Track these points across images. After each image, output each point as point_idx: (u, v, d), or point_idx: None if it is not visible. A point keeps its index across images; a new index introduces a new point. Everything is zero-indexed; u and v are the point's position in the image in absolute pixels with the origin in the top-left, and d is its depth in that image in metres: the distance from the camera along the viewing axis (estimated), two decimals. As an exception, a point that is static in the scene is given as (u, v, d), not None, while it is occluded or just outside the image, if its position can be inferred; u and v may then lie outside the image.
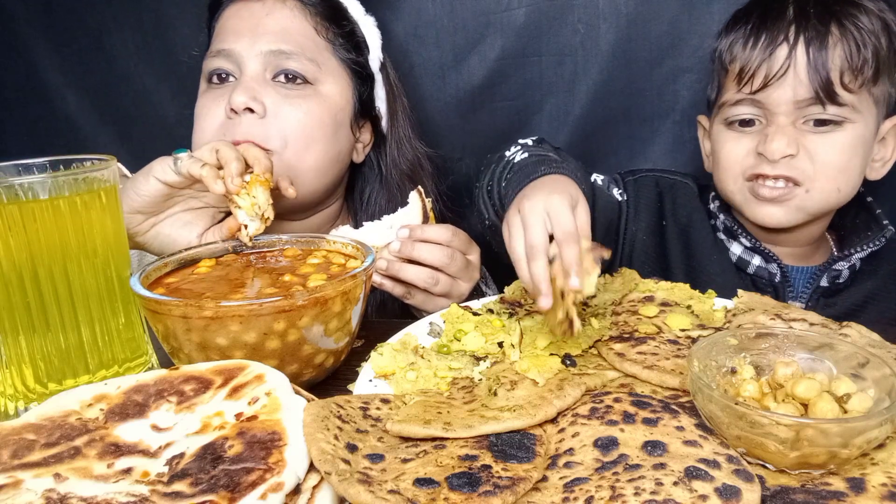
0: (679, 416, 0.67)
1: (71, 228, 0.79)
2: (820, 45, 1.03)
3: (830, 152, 1.06)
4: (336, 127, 1.24)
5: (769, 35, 1.06)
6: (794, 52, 1.04)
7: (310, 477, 0.59)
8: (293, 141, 1.17)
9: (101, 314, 0.83)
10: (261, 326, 0.77)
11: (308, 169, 1.21)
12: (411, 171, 1.36)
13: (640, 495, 0.55)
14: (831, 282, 1.20)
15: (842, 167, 1.07)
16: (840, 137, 1.06)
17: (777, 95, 1.05)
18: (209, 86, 1.23)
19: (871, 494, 0.56)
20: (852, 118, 1.05)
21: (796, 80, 1.04)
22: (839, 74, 1.03)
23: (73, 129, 1.65)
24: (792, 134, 1.06)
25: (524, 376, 0.77)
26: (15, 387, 0.80)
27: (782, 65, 1.04)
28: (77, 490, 0.56)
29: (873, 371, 0.67)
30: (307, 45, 1.21)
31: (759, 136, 1.09)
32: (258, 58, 1.18)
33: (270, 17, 1.20)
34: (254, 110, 1.15)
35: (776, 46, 1.05)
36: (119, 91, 1.62)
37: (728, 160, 1.14)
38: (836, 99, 1.03)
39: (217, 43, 1.22)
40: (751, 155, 1.10)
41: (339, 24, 1.26)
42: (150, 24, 1.57)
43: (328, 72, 1.23)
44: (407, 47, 1.49)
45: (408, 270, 1.06)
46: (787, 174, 1.07)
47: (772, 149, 1.05)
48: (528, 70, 1.49)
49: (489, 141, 1.55)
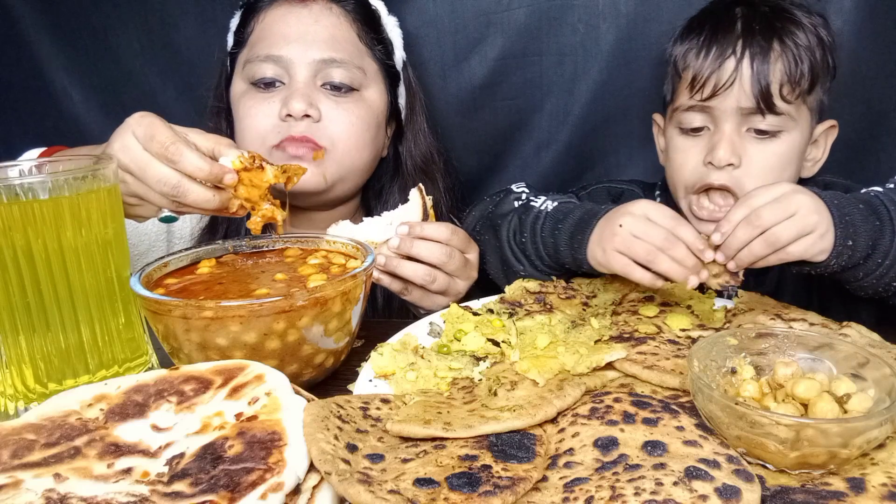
0: (679, 417, 0.67)
1: (71, 228, 0.79)
2: (763, 59, 1.10)
3: (769, 161, 1.14)
4: (377, 129, 1.30)
5: (719, 47, 1.13)
6: (740, 65, 1.11)
7: (310, 477, 0.59)
8: (343, 143, 1.23)
9: (101, 314, 0.83)
10: (261, 326, 0.77)
11: (355, 169, 1.28)
12: (425, 165, 1.39)
13: (640, 495, 0.55)
14: None
15: (776, 175, 1.14)
16: (777, 147, 1.14)
17: (724, 104, 1.13)
18: (254, 88, 1.23)
19: (871, 494, 0.56)
20: (788, 128, 1.13)
21: (741, 90, 1.11)
22: (778, 87, 1.11)
23: (79, 127, 1.65)
24: (736, 142, 1.14)
25: (524, 376, 0.77)
26: (15, 387, 0.80)
27: (730, 76, 1.11)
28: (77, 490, 0.56)
29: (873, 371, 0.67)
30: (353, 53, 1.25)
31: (707, 143, 1.17)
32: (310, 66, 1.21)
33: (319, 25, 1.23)
34: (311, 115, 1.19)
35: (725, 59, 1.12)
36: (125, 90, 1.62)
37: (681, 170, 1.21)
38: (773, 109, 1.10)
39: (264, 47, 1.23)
40: (699, 166, 1.17)
41: (376, 29, 1.30)
42: (155, 24, 1.57)
43: (371, 77, 1.28)
44: (407, 47, 1.49)
45: (406, 267, 1.06)
46: (729, 185, 1.14)
47: (718, 156, 1.13)
48: (528, 69, 1.49)
49: (490, 140, 1.56)
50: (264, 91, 1.22)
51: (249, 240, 1.02)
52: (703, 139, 1.18)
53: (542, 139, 1.54)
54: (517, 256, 1.14)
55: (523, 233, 1.12)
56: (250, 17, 1.28)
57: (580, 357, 0.81)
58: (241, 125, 1.24)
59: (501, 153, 1.58)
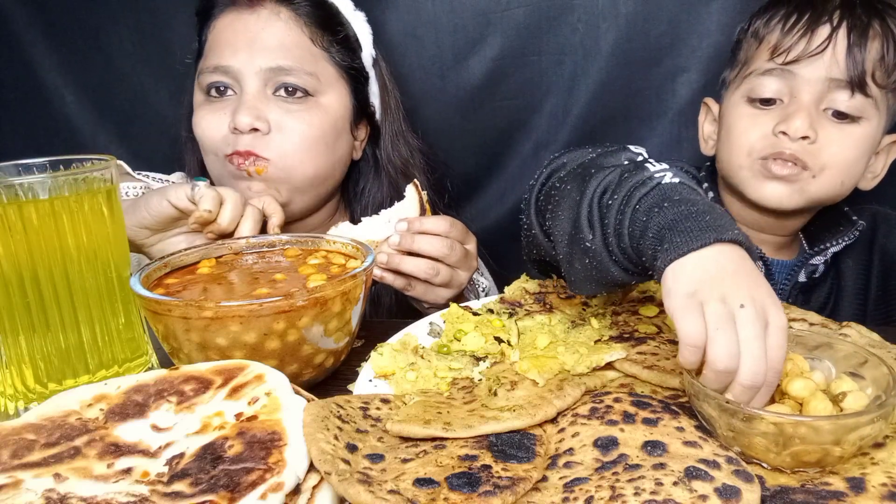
0: (679, 417, 0.67)
1: (71, 228, 0.79)
2: (861, 33, 1.04)
3: (845, 144, 1.07)
4: (336, 136, 1.26)
5: (814, 13, 1.07)
6: (835, 34, 1.05)
7: (310, 477, 0.59)
8: (293, 154, 1.19)
9: (101, 314, 0.83)
10: (261, 327, 0.77)
11: (306, 179, 1.23)
12: (404, 164, 1.37)
13: (640, 495, 0.55)
14: (808, 276, 1.22)
15: (851, 162, 1.09)
16: (856, 132, 1.07)
17: (810, 71, 1.06)
18: (207, 98, 1.23)
19: (871, 494, 0.56)
20: (868, 116, 1.07)
21: (833, 60, 1.05)
22: (872, 67, 1.04)
23: (71, 128, 1.65)
24: (813, 116, 1.07)
25: (524, 376, 0.77)
26: (15, 387, 0.80)
27: (822, 43, 1.05)
28: (77, 490, 0.56)
29: (872, 370, 0.67)
30: (305, 58, 1.21)
31: (778, 115, 1.09)
32: (258, 75, 1.18)
33: (266, 32, 1.20)
34: (258, 129, 1.16)
35: (819, 25, 1.06)
36: (117, 91, 1.61)
37: (743, 137, 1.13)
38: (865, 88, 1.04)
39: (213, 58, 1.21)
40: (767, 137, 1.10)
41: (334, 30, 1.26)
42: (147, 24, 1.57)
43: (327, 82, 1.24)
44: (406, 47, 1.49)
45: (408, 263, 1.06)
46: (801, 157, 1.07)
47: (794, 126, 1.05)
48: (527, 69, 1.49)
49: (489, 140, 1.56)
50: (217, 100, 1.21)
51: (249, 240, 1.02)
52: (773, 112, 1.10)
53: (541, 139, 1.54)
54: (592, 221, 0.79)
55: (615, 194, 0.78)
56: (204, 25, 1.26)
57: (580, 357, 0.81)
58: (197, 133, 1.24)
59: (501, 153, 1.58)
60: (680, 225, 0.68)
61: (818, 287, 1.23)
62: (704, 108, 1.28)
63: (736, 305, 0.62)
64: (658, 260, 0.68)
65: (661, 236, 0.69)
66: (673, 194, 0.73)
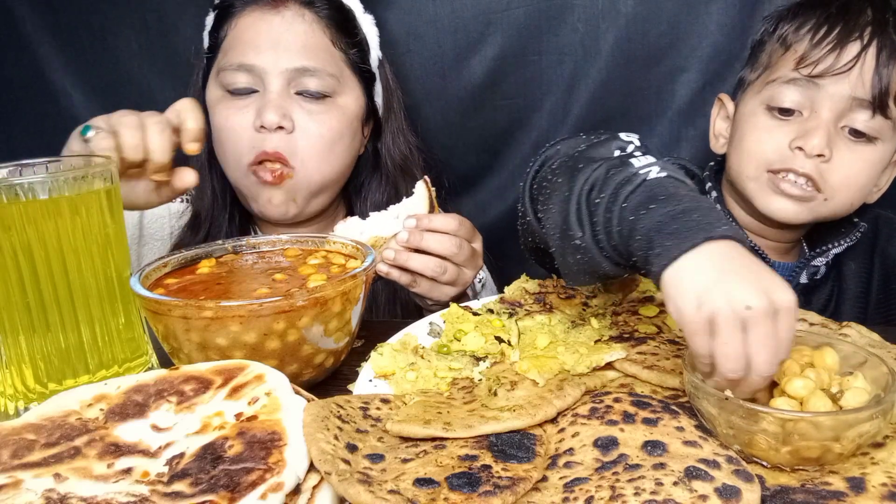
0: (679, 417, 0.67)
1: (71, 228, 0.79)
2: (890, 54, 1.03)
3: (858, 167, 1.07)
4: (352, 136, 1.29)
5: (845, 27, 1.06)
6: (865, 53, 1.04)
7: (310, 477, 0.59)
8: (315, 155, 1.22)
9: (101, 314, 0.83)
10: (261, 327, 0.77)
11: (324, 182, 1.27)
12: (403, 162, 1.39)
13: (640, 495, 0.55)
14: (810, 278, 1.22)
15: (863, 184, 1.09)
16: (870, 154, 1.07)
17: (834, 87, 1.05)
18: (228, 96, 1.23)
19: (872, 494, 0.56)
20: (885, 138, 1.07)
21: (859, 79, 1.04)
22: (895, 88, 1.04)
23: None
24: (831, 134, 1.06)
25: (524, 376, 0.77)
26: (15, 387, 0.80)
27: (850, 60, 1.04)
28: (77, 490, 0.56)
29: (871, 370, 0.67)
30: (327, 60, 1.24)
31: (795, 130, 1.08)
32: (282, 75, 1.20)
33: (291, 32, 1.22)
34: (284, 127, 1.18)
35: (850, 41, 1.05)
36: (124, 91, 1.62)
37: (756, 147, 1.12)
38: (886, 110, 1.04)
39: (236, 55, 1.22)
40: (781, 150, 1.09)
41: (351, 32, 1.29)
42: (153, 25, 1.58)
43: (345, 83, 1.27)
44: (407, 46, 1.49)
45: (416, 260, 1.06)
46: (813, 175, 1.06)
47: (811, 143, 1.04)
48: (527, 69, 1.49)
49: (490, 139, 1.56)
50: (240, 99, 1.22)
51: (249, 240, 1.02)
52: (791, 125, 1.09)
53: (541, 138, 1.54)
54: (581, 219, 0.78)
55: (601, 192, 0.77)
56: (223, 21, 1.27)
57: (580, 357, 0.81)
58: (218, 136, 1.25)
59: (501, 152, 1.58)
60: (668, 227, 0.67)
61: (819, 289, 1.23)
62: (718, 104, 1.26)
63: (742, 308, 0.61)
64: (652, 265, 0.68)
65: (649, 239, 0.69)
66: (659, 192, 0.72)
